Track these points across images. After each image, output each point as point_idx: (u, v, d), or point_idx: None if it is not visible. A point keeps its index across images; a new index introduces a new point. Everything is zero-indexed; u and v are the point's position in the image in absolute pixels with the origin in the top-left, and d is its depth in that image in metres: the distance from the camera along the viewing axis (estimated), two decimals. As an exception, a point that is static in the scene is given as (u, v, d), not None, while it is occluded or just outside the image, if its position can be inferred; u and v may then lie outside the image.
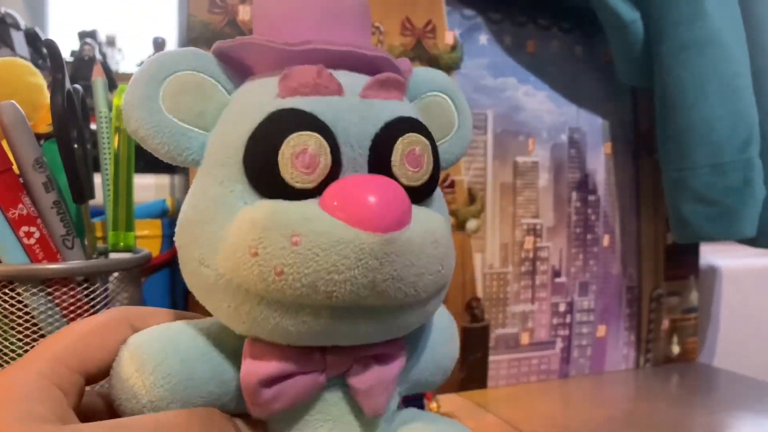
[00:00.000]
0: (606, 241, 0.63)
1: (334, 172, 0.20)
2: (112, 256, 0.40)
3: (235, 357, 0.22)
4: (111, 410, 0.21)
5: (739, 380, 0.64)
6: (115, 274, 0.38)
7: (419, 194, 0.22)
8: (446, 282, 0.22)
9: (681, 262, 0.68)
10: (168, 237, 0.55)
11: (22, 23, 0.55)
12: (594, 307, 0.63)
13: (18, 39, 0.53)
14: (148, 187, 0.57)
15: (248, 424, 0.22)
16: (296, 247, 0.19)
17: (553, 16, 0.61)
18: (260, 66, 0.23)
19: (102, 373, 0.21)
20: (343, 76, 0.22)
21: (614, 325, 0.64)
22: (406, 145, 0.22)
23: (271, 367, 0.21)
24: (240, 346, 0.22)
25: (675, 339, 0.68)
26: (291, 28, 0.22)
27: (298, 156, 0.20)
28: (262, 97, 0.21)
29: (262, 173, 0.20)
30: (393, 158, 0.21)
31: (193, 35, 0.47)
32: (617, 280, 0.64)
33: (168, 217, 0.56)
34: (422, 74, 0.26)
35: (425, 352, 0.26)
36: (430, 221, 0.21)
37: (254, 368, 0.21)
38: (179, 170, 0.54)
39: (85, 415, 0.21)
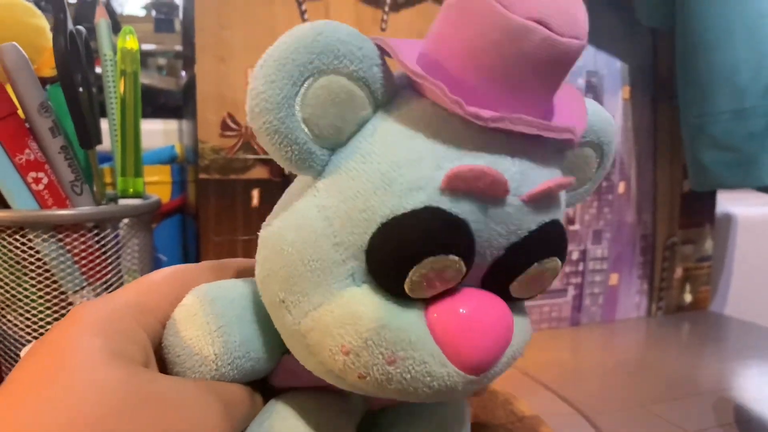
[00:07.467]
0: (621, 188, 0.62)
1: None
2: (122, 202, 0.39)
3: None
4: None
5: (751, 329, 0.64)
6: (126, 221, 0.38)
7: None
8: None
9: (696, 210, 0.67)
10: (178, 183, 0.54)
11: (23, -37, 0.53)
12: (607, 255, 0.63)
13: (19, -21, 0.51)
14: (156, 133, 0.56)
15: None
16: (389, 366, 0.18)
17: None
18: (428, 93, 0.18)
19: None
20: (514, 164, 0.18)
21: (627, 273, 0.64)
22: (539, 270, 0.19)
23: (302, 383, 0.22)
24: None
25: (687, 288, 0.68)
26: (493, 74, 0.17)
27: (431, 278, 0.18)
28: (418, 167, 0.17)
29: (386, 275, 0.18)
30: (520, 278, 0.19)
31: (199, -26, 0.46)
32: (631, 228, 0.64)
33: (177, 163, 0.55)
34: (588, 116, 0.21)
35: None
36: (520, 342, 0.20)
37: (286, 381, 0.22)
38: (187, 116, 0.53)
39: None
